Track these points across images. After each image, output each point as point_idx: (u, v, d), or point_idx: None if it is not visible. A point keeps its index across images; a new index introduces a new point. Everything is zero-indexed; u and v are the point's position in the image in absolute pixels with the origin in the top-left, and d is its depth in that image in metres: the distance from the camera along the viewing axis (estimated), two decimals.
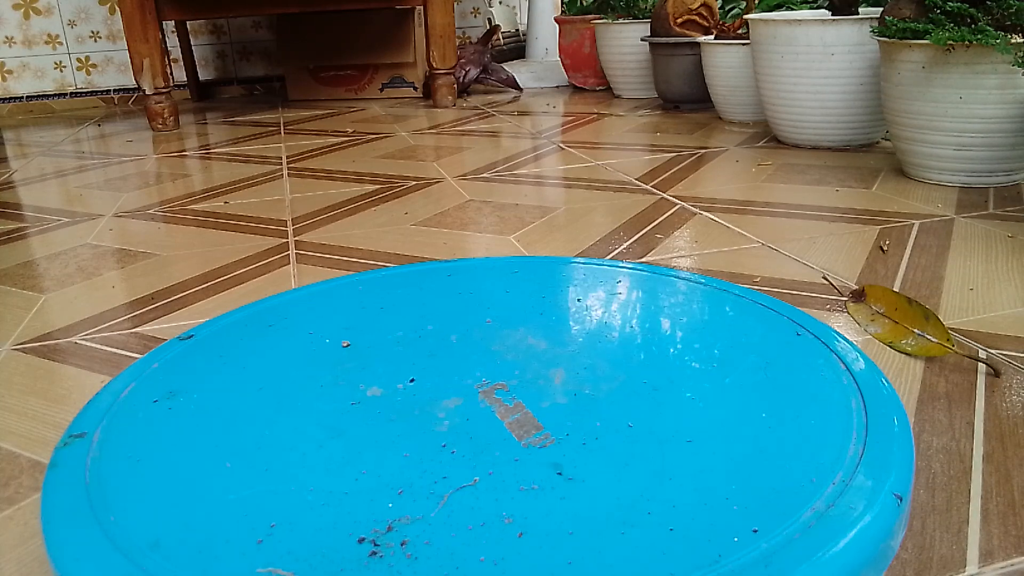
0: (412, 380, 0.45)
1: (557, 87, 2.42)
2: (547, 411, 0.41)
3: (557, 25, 2.32)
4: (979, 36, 0.97)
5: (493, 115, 1.93)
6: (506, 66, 2.46)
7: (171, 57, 2.43)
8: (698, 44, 1.67)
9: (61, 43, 2.35)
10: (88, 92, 2.40)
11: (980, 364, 0.59)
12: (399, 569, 0.30)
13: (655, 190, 1.13)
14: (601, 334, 0.50)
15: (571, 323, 0.52)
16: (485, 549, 0.31)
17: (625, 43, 1.97)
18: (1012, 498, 0.44)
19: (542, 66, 2.50)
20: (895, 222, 0.94)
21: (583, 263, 0.63)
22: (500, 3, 2.88)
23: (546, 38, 2.58)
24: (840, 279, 0.77)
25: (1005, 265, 0.78)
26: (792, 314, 0.51)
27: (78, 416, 0.42)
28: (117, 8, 2.26)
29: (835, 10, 1.31)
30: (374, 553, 0.31)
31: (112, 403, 0.43)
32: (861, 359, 0.44)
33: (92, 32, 2.37)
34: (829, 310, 0.70)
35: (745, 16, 1.50)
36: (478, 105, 2.11)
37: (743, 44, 1.52)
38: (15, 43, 2.31)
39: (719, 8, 1.90)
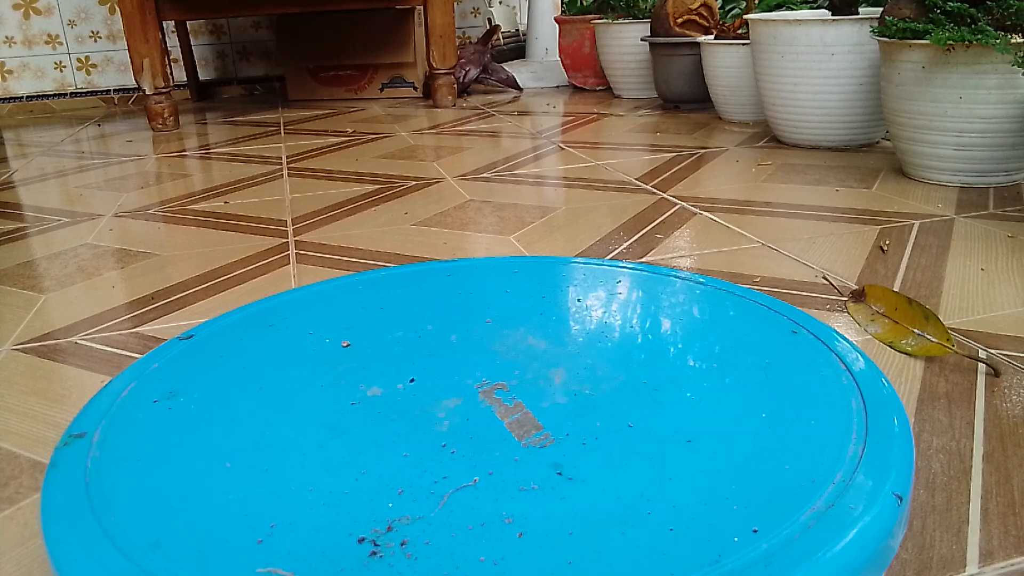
0: (412, 380, 0.45)
1: (557, 87, 2.42)
2: (547, 411, 0.41)
3: (557, 25, 2.32)
4: (979, 36, 0.97)
5: (493, 115, 1.93)
6: (506, 66, 2.46)
7: (171, 57, 2.43)
8: (698, 44, 1.67)
9: (61, 43, 2.35)
10: (88, 92, 2.40)
11: (980, 364, 0.59)
12: (399, 569, 0.30)
13: (655, 190, 1.13)
14: (601, 334, 0.50)
15: (571, 323, 0.52)
16: (485, 549, 0.31)
17: (625, 43, 1.97)
18: (1012, 498, 0.44)
19: (542, 66, 2.50)
20: (895, 222, 0.94)
21: (583, 263, 0.63)
22: (500, 3, 2.88)
23: (546, 38, 2.57)
24: (840, 279, 0.77)
25: (1005, 265, 0.78)
26: (792, 314, 0.51)
27: (78, 416, 0.42)
28: (117, 8, 2.26)
29: (835, 10, 1.31)
30: (374, 553, 0.31)
31: (112, 403, 0.43)
32: (861, 359, 0.44)
33: (92, 32, 2.37)
34: (829, 310, 0.70)
35: (745, 16, 1.50)
36: (478, 105, 2.11)
37: (743, 44, 1.52)
38: (15, 43, 2.31)
39: (719, 8, 1.90)
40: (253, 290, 0.82)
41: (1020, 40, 0.97)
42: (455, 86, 2.11)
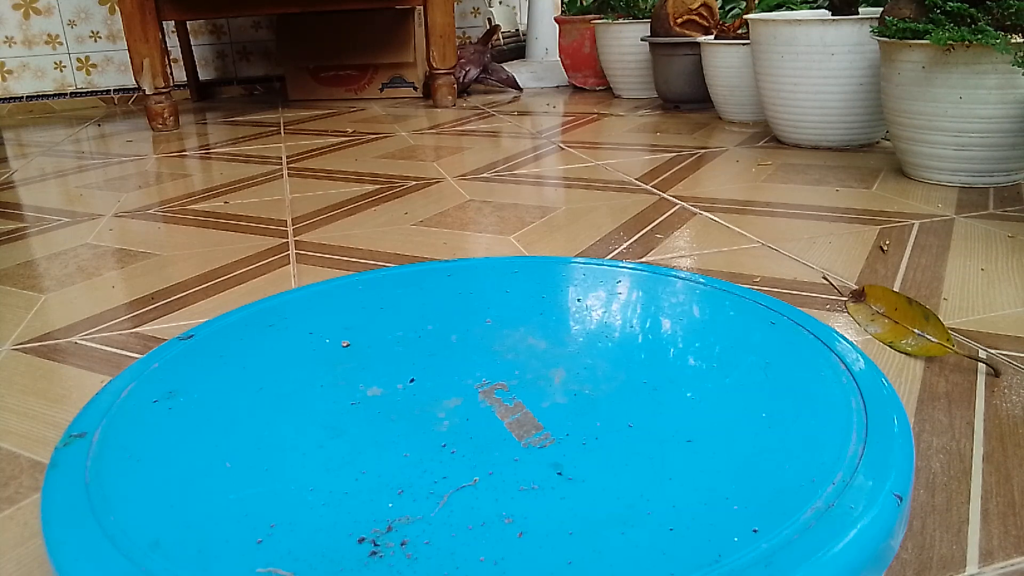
0: (412, 380, 0.45)
1: (557, 87, 2.42)
2: (547, 411, 0.41)
3: (557, 25, 2.32)
4: (979, 36, 0.97)
5: (493, 115, 1.93)
6: (506, 66, 2.46)
7: (171, 57, 2.43)
8: (698, 44, 1.67)
9: (61, 43, 2.35)
10: (88, 92, 2.40)
11: (980, 364, 0.59)
12: (399, 569, 0.30)
13: (655, 190, 1.13)
14: (601, 334, 0.50)
15: (571, 323, 0.52)
16: (485, 549, 0.31)
17: (625, 43, 1.97)
18: (1012, 498, 0.44)
19: (542, 66, 2.50)
20: (895, 222, 0.94)
21: (583, 263, 0.63)
22: (500, 3, 2.88)
23: (546, 38, 2.57)
24: (840, 279, 0.77)
25: (1005, 265, 0.78)
26: (792, 314, 0.51)
27: (78, 416, 0.42)
28: (117, 8, 2.26)
29: (835, 10, 1.31)
30: (374, 553, 0.31)
31: (112, 403, 0.43)
32: (861, 359, 0.44)
33: (92, 32, 2.37)
34: (829, 310, 0.70)
35: (745, 16, 1.50)
36: (478, 105, 2.11)
37: (743, 44, 1.52)
38: (15, 43, 2.31)
39: (719, 8, 1.90)
40: (253, 290, 0.82)
41: (1020, 40, 0.97)
42: (455, 86, 2.11)
